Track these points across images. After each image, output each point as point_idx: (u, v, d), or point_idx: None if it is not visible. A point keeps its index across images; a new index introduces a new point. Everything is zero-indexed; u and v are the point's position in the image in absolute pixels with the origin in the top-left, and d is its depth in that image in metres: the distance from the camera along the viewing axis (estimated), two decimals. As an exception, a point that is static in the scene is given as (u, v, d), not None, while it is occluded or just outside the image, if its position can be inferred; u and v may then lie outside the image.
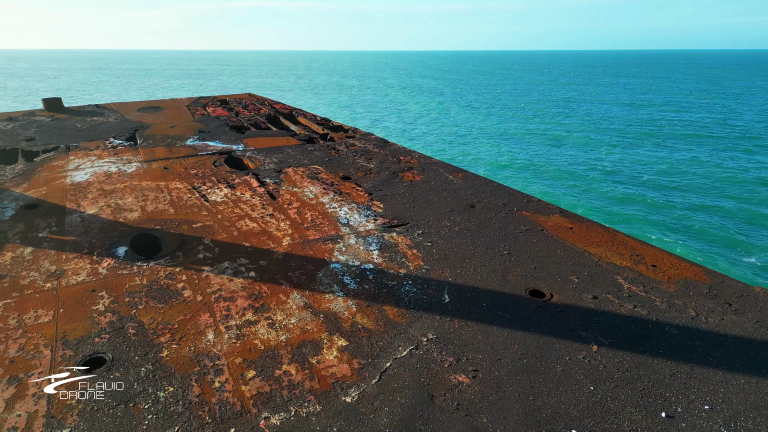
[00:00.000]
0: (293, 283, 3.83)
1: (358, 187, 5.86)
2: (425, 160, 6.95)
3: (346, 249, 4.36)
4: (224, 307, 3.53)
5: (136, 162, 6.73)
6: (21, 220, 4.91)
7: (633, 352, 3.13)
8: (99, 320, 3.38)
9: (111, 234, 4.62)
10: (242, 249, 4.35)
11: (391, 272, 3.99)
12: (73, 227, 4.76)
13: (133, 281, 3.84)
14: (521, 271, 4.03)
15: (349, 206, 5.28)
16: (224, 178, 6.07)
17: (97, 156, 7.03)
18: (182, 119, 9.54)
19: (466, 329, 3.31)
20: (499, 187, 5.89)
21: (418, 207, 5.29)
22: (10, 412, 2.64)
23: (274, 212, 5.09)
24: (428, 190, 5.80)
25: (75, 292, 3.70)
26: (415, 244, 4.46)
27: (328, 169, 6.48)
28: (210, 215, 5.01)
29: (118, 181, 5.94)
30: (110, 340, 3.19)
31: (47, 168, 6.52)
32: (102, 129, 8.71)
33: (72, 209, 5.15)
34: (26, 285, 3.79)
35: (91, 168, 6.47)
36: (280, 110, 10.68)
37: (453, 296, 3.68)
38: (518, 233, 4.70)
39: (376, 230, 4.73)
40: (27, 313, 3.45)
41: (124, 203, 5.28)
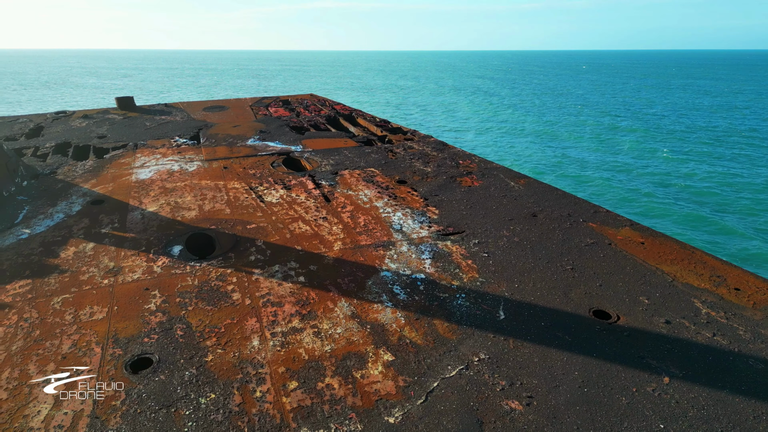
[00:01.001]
0: (342, 291, 3.72)
1: (413, 191, 5.71)
2: (485, 165, 6.70)
3: (398, 256, 4.21)
4: (271, 312, 3.47)
5: (198, 161, 6.88)
6: (87, 215, 5.09)
7: (711, 387, 2.79)
8: (149, 320, 3.40)
9: (168, 232, 4.69)
10: (293, 252, 4.30)
11: (444, 284, 3.81)
12: (133, 224, 4.88)
13: (185, 281, 3.86)
14: (585, 289, 3.74)
15: (403, 211, 5.13)
16: (281, 179, 6.08)
17: (161, 154, 7.25)
18: (245, 119, 9.73)
19: (522, 350, 3.09)
20: (563, 196, 5.56)
21: (475, 214, 5.06)
22: (58, 409, 2.67)
23: (327, 215, 5.02)
24: (487, 196, 5.56)
25: (129, 290, 3.75)
26: (471, 255, 4.25)
27: (384, 173, 6.36)
28: (264, 216, 5.01)
29: (179, 180, 6.07)
30: (158, 340, 3.19)
31: (115, 165, 6.78)
32: (168, 128, 9.02)
33: (134, 206, 5.29)
34: (85, 281, 3.89)
35: (155, 166, 6.67)
36: (340, 111, 10.70)
37: (509, 313, 3.46)
38: (583, 246, 4.39)
39: (429, 238, 4.56)
40: (83, 309, 3.53)
41: (183, 202, 5.38)
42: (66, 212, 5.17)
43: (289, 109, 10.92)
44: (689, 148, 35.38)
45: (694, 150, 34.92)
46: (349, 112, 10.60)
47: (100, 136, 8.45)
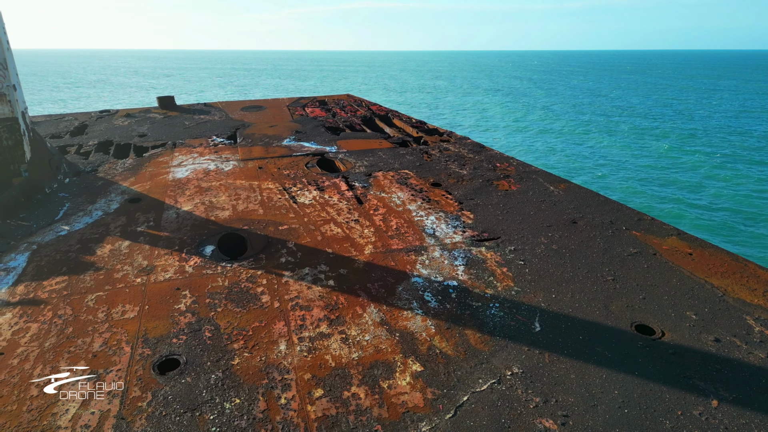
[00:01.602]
0: (371, 296, 3.64)
1: (447, 194, 5.58)
2: (524, 168, 6.51)
3: (430, 262, 4.10)
4: (300, 316, 3.42)
5: (234, 160, 6.93)
6: (124, 213, 5.18)
7: (764, 412, 2.59)
8: (179, 320, 3.40)
9: (201, 232, 4.72)
10: (324, 255, 4.25)
11: (477, 292, 3.68)
12: (168, 223, 4.92)
13: (215, 282, 3.85)
14: (627, 302, 3.54)
15: (436, 215, 5.01)
16: (315, 180, 6.05)
17: (198, 153, 7.34)
18: (281, 119, 9.78)
19: (558, 365, 2.93)
20: (605, 202, 5.33)
21: (512, 220, 4.90)
22: (86, 408, 2.68)
23: (359, 218, 4.95)
24: (525, 201, 5.38)
25: (161, 289, 3.77)
26: (506, 262, 4.10)
27: (419, 175, 6.25)
28: (297, 218, 4.98)
29: (215, 179, 6.12)
30: (186, 342, 3.18)
31: (153, 163, 6.89)
32: (207, 127, 9.14)
33: (170, 205, 5.35)
34: (119, 279, 3.94)
35: (192, 165, 6.75)
36: (376, 112, 10.64)
37: (545, 325, 3.30)
38: (626, 256, 4.18)
39: (463, 243, 4.43)
40: (115, 307, 3.56)
41: (218, 201, 5.41)
42: (104, 210, 5.27)
43: (325, 109, 10.94)
44: (742, 154, 33.80)
45: (744, 157, 33.35)
46: (385, 113, 10.53)
47: (140, 134, 8.64)
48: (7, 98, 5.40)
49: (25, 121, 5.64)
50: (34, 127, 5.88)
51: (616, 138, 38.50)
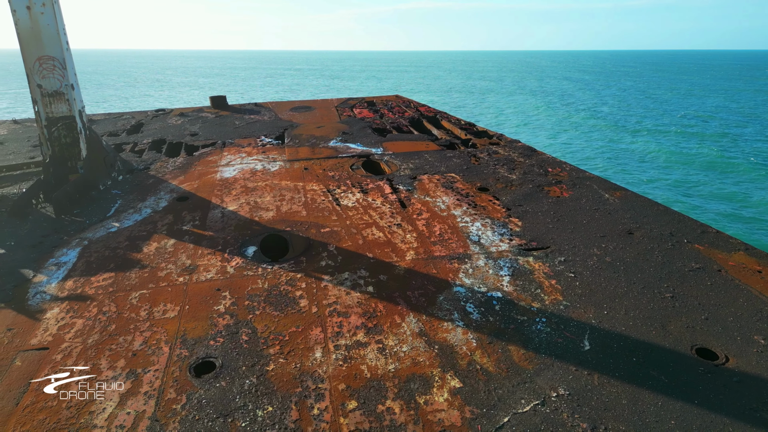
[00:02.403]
0: (411, 305, 3.52)
1: (495, 200, 5.38)
2: (577, 174, 6.21)
3: (473, 271, 3.94)
4: (337, 323, 3.34)
5: (280, 161, 6.96)
6: (171, 211, 5.26)
7: None
8: (217, 322, 3.39)
9: (245, 232, 4.73)
10: (364, 260, 4.16)
11: (522, 305, 3.50)
12: (213, 222, 4.97)
13: (255, 284, 3.83)
14: (687, 322, 3.28)
15: (482, 221, 4.84)
16: (359, 182, 5.99)
17: (246, 153, 7.42)
18: (329, 120, 9.80)
19: (609, 389, 2.72)
20: (665, 212, 5.00)
21: (563, 228, 4.66)
22: (122, 408, 2.69)
23: (402, 222, 4.84)
24: (577, 209, 5.12)
25: (202, 289, 3.78)
26: (555, 274, 3.89)
27: (465, 179, 6.07)
28: (339, 220, 4.92)
29: (261, 180, 6.15)
30: (223, 344, 3.16)
31: (203, 162, 7.02)
32: (256, 127, 9.26)
33: (216, 204, 5.41)
34: (162, 277, 3.98)
35: (240, 165, 6.82)
36: (425, 113, 10.50)
37: (595, 344, 3.09)
38: (687, 272, 3.88)
39: (510, 252, 4.24)
40: (157, 306, 3.59)
41: (262, 202, 5.42)
42: (153, 208, 5.38)
43: (373, 110, 10.89)
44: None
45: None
46: (433, 114, 10.38)
47: (192, 133, 8.84)
48: (65, 97, 5.60)
49: (82, 120, 5.84)
50: (90, 125, 6.08)
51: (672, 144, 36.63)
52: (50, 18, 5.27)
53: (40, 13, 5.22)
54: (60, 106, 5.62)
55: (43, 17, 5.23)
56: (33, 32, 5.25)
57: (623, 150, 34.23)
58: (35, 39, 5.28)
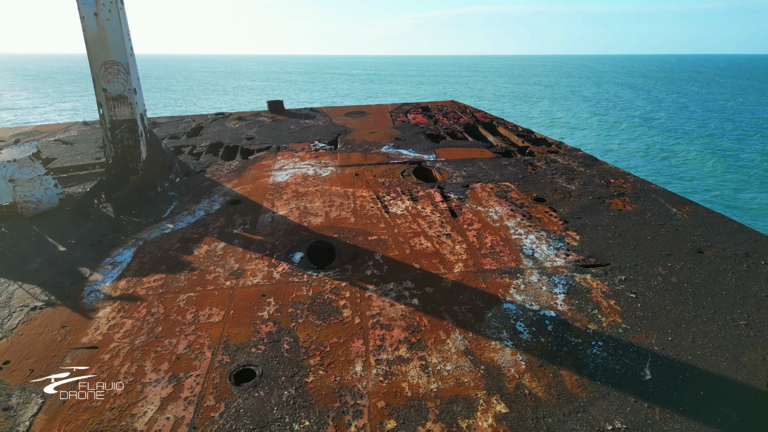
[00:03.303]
0: (457, 320, 3.37)
1: (551, 211, 5.13)
2: (642, 186, 5.84)
3: (526, 287, 3.74)
4: (379, 335, 3.24)
5: (332, 166, 6.95)
6: (224, 214, 5.34)
7: None
8: (260, 328, 3.36)
9: (293, 238, 4.72)
10: (411, 270, 4.04)
11: (577, 326, 3.27)
12: (263, 227, 4.99)
13: (300, 291, 3.79)
14: (764, 354, 2.96)
15: (537, 234, 4.61)
16: (409, 189, 5.87)
17: (300, 158, 7.47)
18: (382, 125, 9.75)
19: (671, 425, 2.48)
20: (740, 229, 4.59)
21: (624, 244, 4.37)
22: (162, 413, 2.69)
23: (451, 232, 4.68)
24: (641, 223, 4.79)
25: (247, 295, 3.78)
26: (614, 293, 3.63)
27: (521, 188, 5.84)
28: (387, 228, 4.82)
29: (312, 185, 6.15)
30: (264, 352, 3.13)
31: (257, 166, 7.11)
32: (310, 132, 9.34)
33: (266, 208, 5.44)
34: (210, 280, 4.01)
35: (292, 169, 6.86)
36: (480, 119, 10.26)
37: (657, 373, 2.84)
38: (764, 297, 3.52)
39: (565, 268, 4.00)
40: (203, 310, 3.61)
41: (312, 207, 5.41)
42: (206, 210, 5.47)
43: (427, 116, 10.75)
44: None
45: None
46: (489, 120, 10.13)
47: (248, 137, 9.01)
48: (128, 101, 5.81)
49: (143, 123, 6.04)
50: (150, 128, 6.29)
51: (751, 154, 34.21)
52: (116, 24, 5.47)
53: (107, 20, 5.43)
54: (123, 109, 5.83)
55: (109, 23, 5.45)
56: (99, 38, 5.48)
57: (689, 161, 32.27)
58: (101, 44, 5.51)
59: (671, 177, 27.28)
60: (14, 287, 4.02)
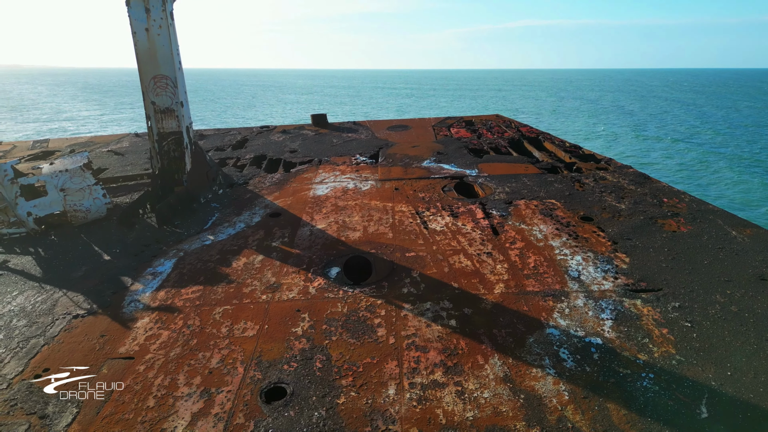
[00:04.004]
0: (496, 344, 3.22)
1: (599, 231, 4.89)
2: (698, 206, 5.52)
3: (570, 312, 3.54)
4: (414, 357, 3.13)
5: (372, 180, 6.91)
6: (263, 227, 5.36)
7: None
8: (293, 345, 3.31)
9: (330, 252, 4.67)
10: (449, 289, 3.91)
11: (626, 355, 3.06)
12: (301, 240, 4.97)
13: (335, 307, 3.73)
14: (840, 397, 2.68)
15: (583, 255, 4.39)
16: (449, 205, 5.75)
17: (340, 171, 7.47)
18: (425, 139, 9.67)
19: (733, 473, 2.25)
20: (807, 255, 4.25)
21: (679, 269, 4.10)
22: (192, 429, 2.65)
23: (492, 251, 4.53)
24: (697, 246, 4.51)
25: (282, 309, 3.74)
26: (667, 322, 3.39)
27: (567, 206, 5.62)
28: (425, 245, 4.71)
29: (352, 198, 6.12)
30: (296, 370, 3.06)
31: (298, 179, 7.15)
32: (352, 145, 9.35)
33: (306, 222, 5.43)
34: (246, 294, 4.00)
35: (333, 183, 6.86)
36: (526, 134, 10.03)
37: (714, 411, 2.60)
38: (838, 332, 3.22)
39: (614, 292, 3.78)
40: (238, 324, 3.59)
41: (350, 221, 5.36)
42: (247, 222, 5.51)
43: (471, 130, 10.61)
44: None
45: None
46: (535, 135, 9.89)
47: (291, 150, 9.11)
48: (175, 114, 5.95)
49: (189, 135, 6.17)
50: (196, 140, 6.42)
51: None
52: (165, 39, 5.63)
53: (157, 35, 5.60)
54: (170, 122, 5.98)
55: (159, 39, 5.61)
56: (150, 52, 5.65)
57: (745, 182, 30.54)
58: (151, 59, 5.67)
59: (724, 198, 25.84)
60: (59, 294, 4.13)
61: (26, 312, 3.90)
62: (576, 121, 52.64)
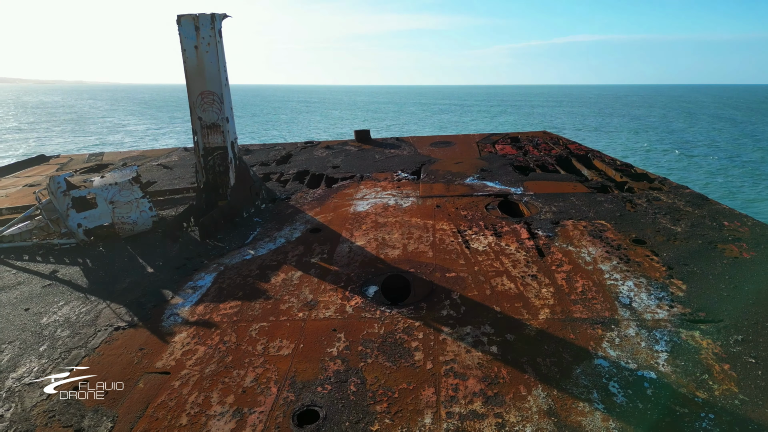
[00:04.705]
0: (540, 374, 3.04)
1: (653, 256, 4.62)
2: (762, 231, 5.14)
3: (621, 342, 3.32)
4: (452, 385, 2.99)
5: (413, 197, 6.81)
6: (303, 242, 5.34)
7: None
8: (328, 366, 3.23)
9: (369, 270, 4.59)
10: (490, 313, 3.75)
11: (683, 392, 2.83)
12: (339, 257, 4.92)
13: (371, 328, 3.63)
14: None
15: (635, 280, 4.14)
16: (493, 224, 5.58)
17: (382, 188, 7.42)
18: (468, 156, 9.51)
19: None
20: None
21: (741, 298, 3.80)
22: (223, 450, 2.60)
23: (537, 273, 4.34)
24: (762, 275, 4.17)
25: (318, 328, 3.68)
26: (729, 356, 3.12)
27: (618, 228, 5.35)
28: (467, 265, 4.57)
29: (392, 215, 6.04)
30: (330, 393, 2.98)
31: (339, 195, 7.14)
32: (394, 161, 9.30)
33: (345, 238, 5.38)
34: (283, 310, 3.96)
35: (374, 199, 6.81)
36: (574, 151, 9.73)
37: (787, 462, 2.35)
38: None
39: (669, 322, 3.53)
40: (274, 341, 3.55)
41: (390, 239, 5.27)
42: (287, 238, 5.51)
43: (516, 147, 10.38)
44: None
45: None
46: (584, 153, 9.57)
47: (334, 165, 9.14)
48: (221, 129, 6.06)
49: (233, 150, 6.26)
50: (240, 155, 6.50)
51: None
52: (213, 56, 5.76)
53: (205, 52, 5.74)
54: (216, 137, 6.09)
55: (207, 55, 5.75)
56: (198, 69, 5.79)
57: None
58: (199, 75, 5.81)
59: (793, 218, 24.32)
60: (103, 306, 4.21)
61: (70, 322, 3.99)
62: (618, 137, 50.95)
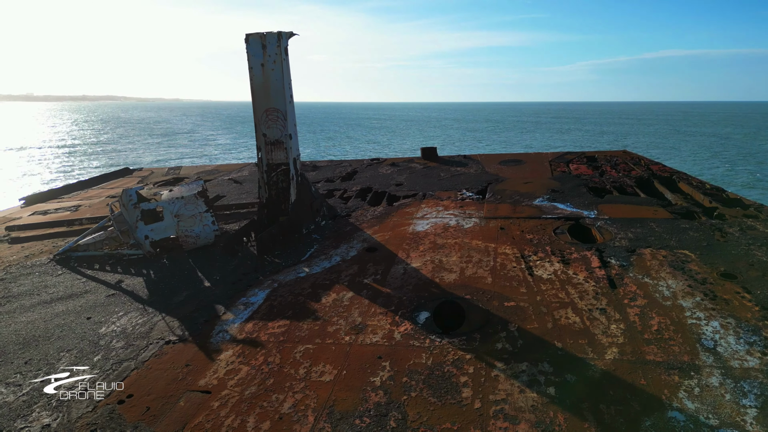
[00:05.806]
0: (602, 424, 2.69)
1: (745, 293, 4.08)
2: None
3: (701, 392, 2.89)
4: (501, 428, 2.71)
5: (476, 218, 6.53)
6: (358, 262, 5.22)
7: None
8: (369, 396, 3.06)
9: (421, 294, 4.39)
10: (551, 349, 3.42)
11: (778, 462, 2.39)
12: (393, 279, 4.75)
13: (419, 358, 3.42)
14: None
15: (722, 321, 3.65)
16: (560, 249, 5.19)
17: (444, 207, 7.18)
18: (539, 175, 9.07)
19: None
20: None
21: None
22: (248, 481, 2.48)
23: (607, 307, 3.94)
24: None
25: (363, 354, 3.52)
26: (838, 421, 2.63)
27: (703, 259, 4.80)
28: (528, 294, 4.24)
29: (452, 236, 5.80)
30: (368, 427, 2.79)
31: (399, 213, 6.98)
32: (459, 180, 9.03)
33: (401, 259, 5.21)
34: (330, 333, 3.84)
35: (434, 219, 6.59)
36: (657, 173, 9.02)
37: None
38: None
39: (761, 372, 3.05)
40: (317, 366, 3.42)
41: (447, 262, 5.04)
42: (342, 256, 5.42)
43: (593, 166, 9.80)
44: None
45: None
46: (668, 175, 8.85)
47: (397, 183, 9.02)
48: (284, 145, 6.11)
49: (296, 167, 6.29)
50: (302, 172, 6.52)
51: None
52: (278, 74, 5.84)
53: (271, 70, 5.83)
54: (279, 153, 6.14)
55: (273, 73, 5.84)
56: (264, 86, 5.89)
57: None
58: (265, 92, 5.91)
59: None
60: (158, 318, 4.28)
61: (126, 334, 4.07)
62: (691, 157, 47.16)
